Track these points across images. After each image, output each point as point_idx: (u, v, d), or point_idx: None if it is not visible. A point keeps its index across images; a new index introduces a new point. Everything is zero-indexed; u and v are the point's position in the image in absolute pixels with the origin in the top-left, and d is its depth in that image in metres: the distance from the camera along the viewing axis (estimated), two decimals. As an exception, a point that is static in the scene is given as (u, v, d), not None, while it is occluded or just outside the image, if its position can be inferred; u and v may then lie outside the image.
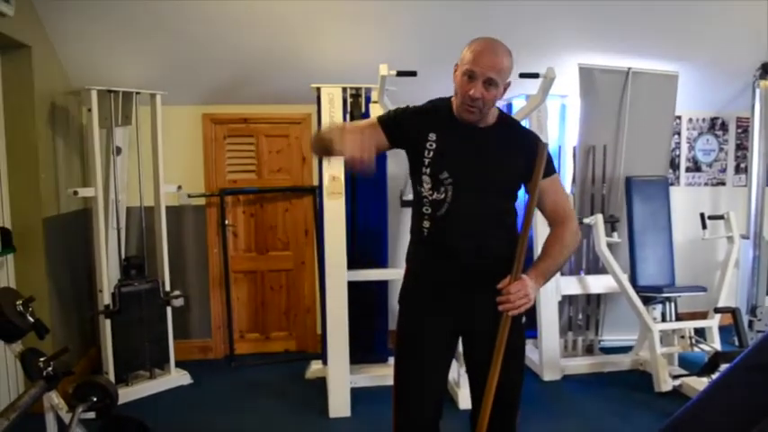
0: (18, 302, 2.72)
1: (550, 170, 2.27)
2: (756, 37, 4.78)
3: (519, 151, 2.24)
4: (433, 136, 2.22)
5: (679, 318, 4.57)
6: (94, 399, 2.69)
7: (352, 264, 4.11)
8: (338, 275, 3.99)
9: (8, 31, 3.54)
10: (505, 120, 2.34)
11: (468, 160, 2.21)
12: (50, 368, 2.67)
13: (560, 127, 5.28)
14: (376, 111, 4.10)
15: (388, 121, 2.28)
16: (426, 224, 2.25)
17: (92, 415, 2.72)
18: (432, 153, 2.20)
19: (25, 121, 3.90)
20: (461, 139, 2.22)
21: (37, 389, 2.52)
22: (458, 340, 2.39)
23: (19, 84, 3.86)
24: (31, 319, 2.74)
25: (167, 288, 4.52)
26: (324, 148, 2.17)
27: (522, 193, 2.32)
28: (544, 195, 2.26)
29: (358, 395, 4.11)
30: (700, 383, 4.08)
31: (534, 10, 4.29)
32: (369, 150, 1.96)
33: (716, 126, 5.81)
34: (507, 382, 2.23)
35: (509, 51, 2.19)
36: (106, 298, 4.22)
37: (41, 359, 2.68)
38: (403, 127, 2.27)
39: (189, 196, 4.93)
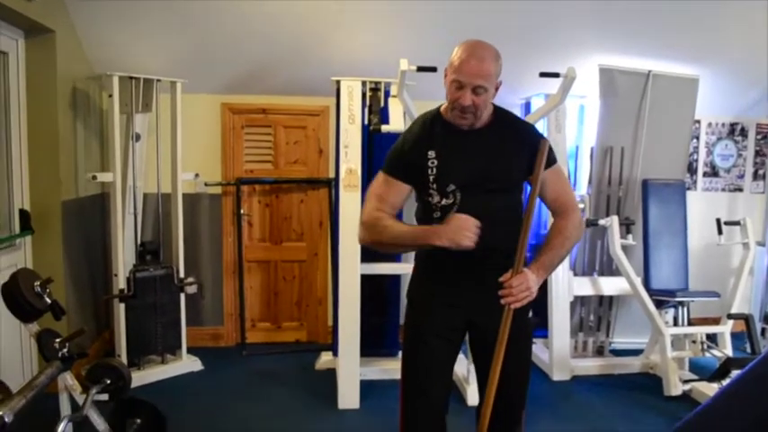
0: (36, 283, 2.76)
1: (552, 160, 2.28)
2: (779, 43, 4.73)
3: (519, 146, 2.25)
4: (432, 153, 2.23)
5: (691, 322, 4.55)
6: (108, 381, 2.72)
7: (366, 257, 4.11)
8: (351, 268, 4.01)
9: (33, 15, 3.57)
10: (501, 116, 2.33)
11: (471, 165, 2.22)
12: (66, 349, 2.70)
13: (578, 127, 5.26)
14: (395, 105, 4.11)
15: (395, 171, 2.31)
16: None
17: (105, 397, 2.76)
18: (435, 170, 2.23)
19: (47, 105, 3.93)
20: (459, 146, 2.24)
21: (54, 369, 2.55)
22: (465, 335, 2.40)
23: (42, 67, 3.89)
24: (48, 301, 2.78)
25: (181, 275, 4.55)
26: (400, 246, 2.47)
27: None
28: (545, 186, 2.27)
29: (367, 388, 4.12)
30: (710, 389, 4.06)
31: (556, 9, 4.27)
32: None
33: (735, 131, 5.76)
34: (513, 375, 2.25)
35: (496, 54, 2.18)
36: (121, 282, 4.26)
37: (57, 340, 2.72)
38: (407, 163, 2.28)
39: (206, 184, 4.96)
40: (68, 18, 4.08)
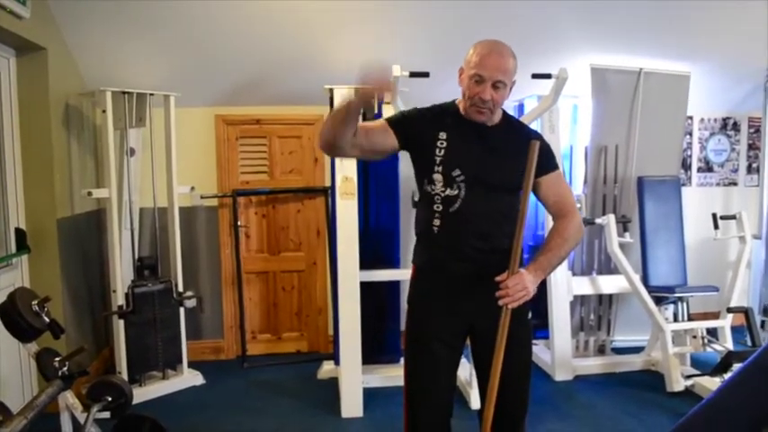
0: (34, 302, 2.75)
1: (552, 166, 2.33)
2: (768, 37, 4.76)
3: (525, 149, 2.26)
4: (443, 135, 2.25)
5: (691, 318, 4.55)
6: (109, 398, 2.70)
7: (365, 264, 4.11)
8: (350, 276, 4.00)
9: (24, 33, 3.57)
10: (510, 119, 2.40)
11: (479, 158, 2.24)
12: (65, 368, 2.69)
13: (572, 127, 5.26)
14: (389, 112, 4.12)
15: (397, 124, 2.30)
16: (437, 222, 2.27)
17: (106, 415, 2.74)
18: (443, 151, 2.24)
19: (40, 122, 3.92)
20: (471, 137, 2.26)
21: (54, 388, 2.54)
22: (466, 339, 2.40)
23: (34, 85, 3.89)
24: (47, 319, 2.77)
25: (180, 288, 4.54)
26: (341, 120, 2.10)
27: None
28: (546, 191, 2.31)
29: (370, 395, 4.12)
30: (712, 383, 4.06)
31: (547, 11, 4.29)
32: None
33: (728, 126, 5.78)
34: (513, 377, 2.26)
35: (513, 52, 2.24)
36: (120, 298, 4.25)
37: (57, 359, 2.71)
38: (413, 127, 2.29)
39: (202, 197, 4.96)
40: (60, 35, 4.08)
